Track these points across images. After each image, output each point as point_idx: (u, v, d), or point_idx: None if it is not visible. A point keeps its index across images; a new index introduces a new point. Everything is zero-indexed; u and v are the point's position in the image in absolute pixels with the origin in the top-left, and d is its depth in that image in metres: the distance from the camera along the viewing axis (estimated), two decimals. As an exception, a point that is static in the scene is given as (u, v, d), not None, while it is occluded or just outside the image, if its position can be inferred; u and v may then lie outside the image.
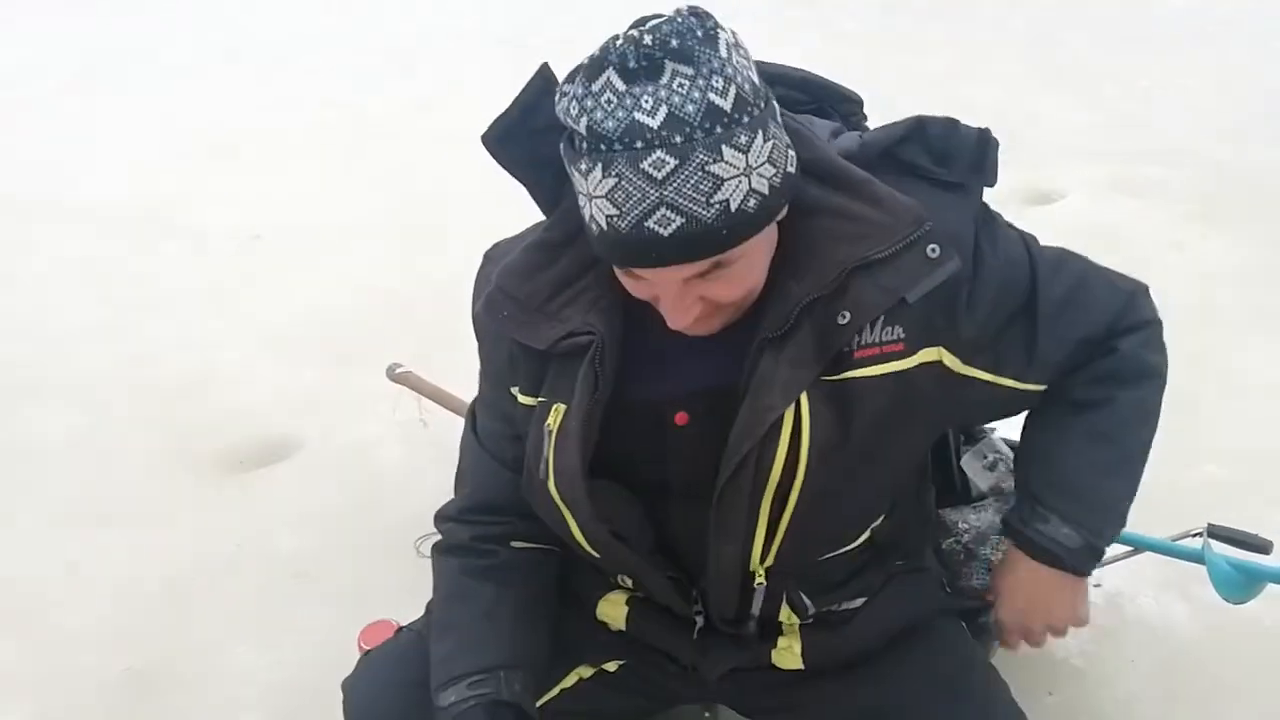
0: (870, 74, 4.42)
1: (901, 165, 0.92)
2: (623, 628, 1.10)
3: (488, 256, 1.02)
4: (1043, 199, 3.83)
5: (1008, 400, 0.99)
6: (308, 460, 2.28)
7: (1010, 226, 0.98)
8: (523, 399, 0.97)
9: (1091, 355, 1.00)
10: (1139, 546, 1.49)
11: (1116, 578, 1.81)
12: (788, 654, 1.04)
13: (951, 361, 0.91)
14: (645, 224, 0.76)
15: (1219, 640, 1.70)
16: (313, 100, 4.96)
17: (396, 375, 2.10)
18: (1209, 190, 3.79)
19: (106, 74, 5.56)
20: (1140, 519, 1.53)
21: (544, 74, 0.90)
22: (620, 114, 0.74)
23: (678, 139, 0.74)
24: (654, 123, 0.73)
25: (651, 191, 0.75)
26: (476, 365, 1.09)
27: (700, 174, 0.75)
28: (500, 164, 0.92)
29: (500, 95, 0.95)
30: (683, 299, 0.83)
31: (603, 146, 0.75)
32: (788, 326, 0.86)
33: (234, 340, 2.81)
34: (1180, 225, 3.51)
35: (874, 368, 0.88)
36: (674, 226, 0.76)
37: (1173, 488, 1.93)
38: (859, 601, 1.04)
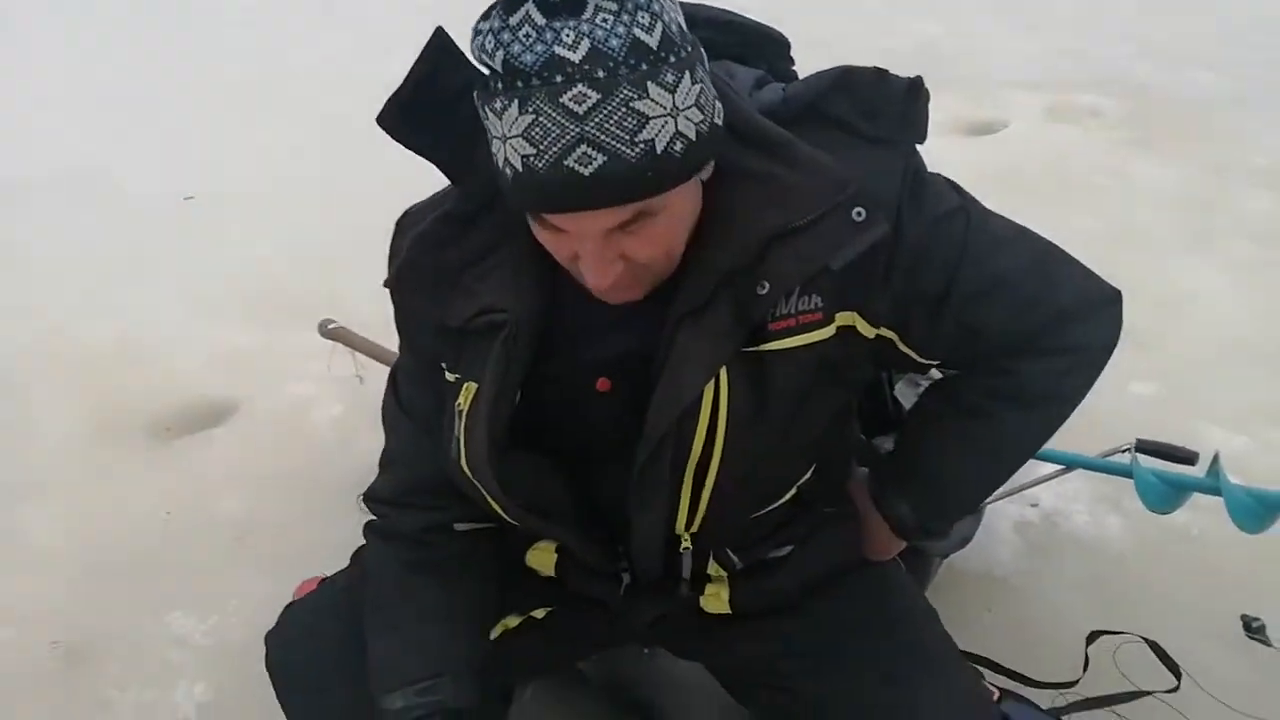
0: (803, 7, 4.38)
1: (827, 120, 0.87)
2: (551, 574, 1.08)
3: (399, 226, 0.96)
4: (984, 129, 3.84)
5: (917, 365, 0.96)
6: (242, 423, 2.23)
7: (953, 190, 0.91)
8: (449, 375, 0.94)
9: (993, 361, 0.94)
10: (1071, 465, 1.51)
11: (1053, 497, 1.86)
12: (715, 600, 1.03)
13: (863, 326, 0.88)
14: (564, 162, 0.71)
15: (1149, 551, 1.76)
16: (235, 56, 4.78)
17: (329, 331, 2.04)
18: (1144, 115, 3.83)
19: (11, 34, 5.28)
20: (1075, 438, 1.56)
21: (438, 40, 0.83)
22: (539, 48, 0.69)
23: (600, 73, 0.69)
24: (575, 56, 0.69)
25: (571, 127, 0.70)
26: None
27: (624, 110, 0.70)
28: (401, 144, 0.85)
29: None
30: (603, 255, 0.78)
31: (519, 82, 0.70)
32: (706, 299, 0.83)
33: (161, 306, 2.73)
34: (1117, 150, 3.55)
35: (791, 339, 0.85)
36: (595, 165, 0.71)
37: (1107, 407, 1.97)
38: (786, 549, 1.03)
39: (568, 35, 0.69)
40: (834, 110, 0.87)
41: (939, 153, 0.92)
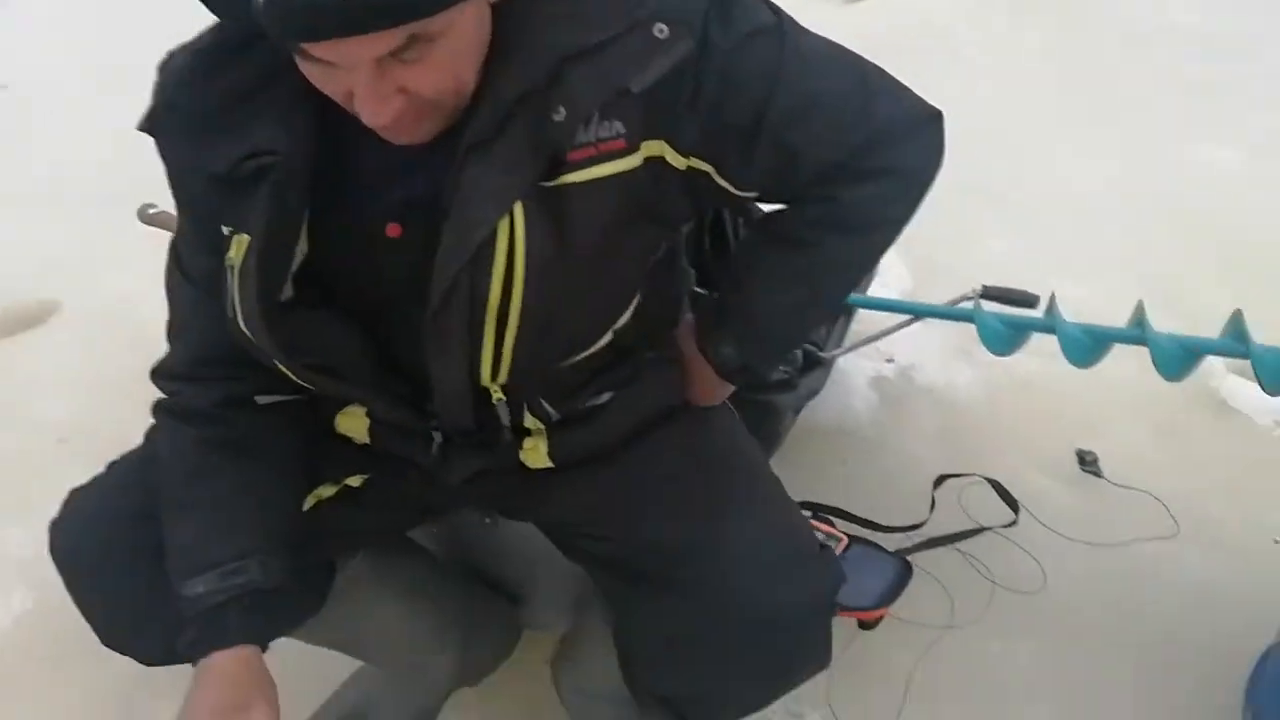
0: None
1: None
2: (366, 440, 1.02)
3: (161, 68, 0.85)
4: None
5: (736, 200, 0.90)
6: (63, 323, 2.06)
7: (766, 6, 0.84)
8: (224, 229, 0.85)
9: (812, 190, 0.90)
10: (917, 314, 1.51)
11: (908, 351, 1.88)
12: (534, 453, 0.99)
13: (673, 157, 0.83)
14: None
15: (997, 397, 1.81)
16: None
17: (149, 216, 1.86)
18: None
19: None
20: (929, 292, 1.57)
21: None
22: None
23: None
24: None
25: None
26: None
27: None
28: None
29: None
30: (378, 88, 0.70)
31: None
32: (496, 128, 0.76)
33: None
34: (990, 13, 3.54)
35: (593, 169, 0.79)
36: None
37: (963, 262, 2.00)
38: (606, 396, 0.99)
39: None
40: None
41: (815, 19, 0.86)
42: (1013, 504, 1.57)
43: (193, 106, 0.81)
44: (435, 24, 0.68)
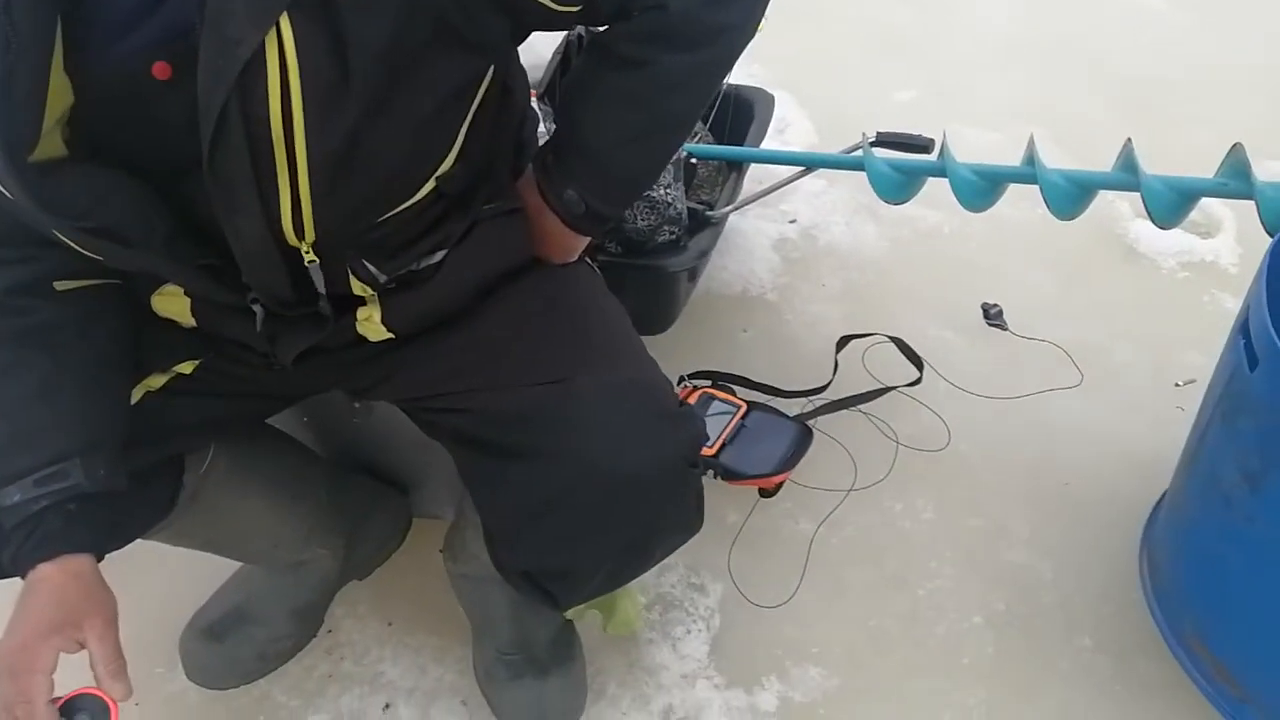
0: None
1: None
2: (193, 322, 0.92)
3: None
4: None
5: (557, 18, 0.81)
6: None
7: None
8: None
9: (639, 1, 0.82)
10: (808, 164, 1.43)
11: (811, 211, 1.81)
12: (370, 324, 0.91)
13: None
14: None
15: (902, 254, 1.75)
16: None
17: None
18: None
19: None
20: (833, 149, 1.48)
21: None
22: None
23: None
24: None
25: None
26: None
27: None
28: None
29: None
30: None
31: None
32: None
33: None
34: None
35: None
36: None
37: (868, 114, 1.91)
38: (440, 255, 0.90)
39: None
40: None
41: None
42: (917, 362, 1.54)
43: None
44: None
